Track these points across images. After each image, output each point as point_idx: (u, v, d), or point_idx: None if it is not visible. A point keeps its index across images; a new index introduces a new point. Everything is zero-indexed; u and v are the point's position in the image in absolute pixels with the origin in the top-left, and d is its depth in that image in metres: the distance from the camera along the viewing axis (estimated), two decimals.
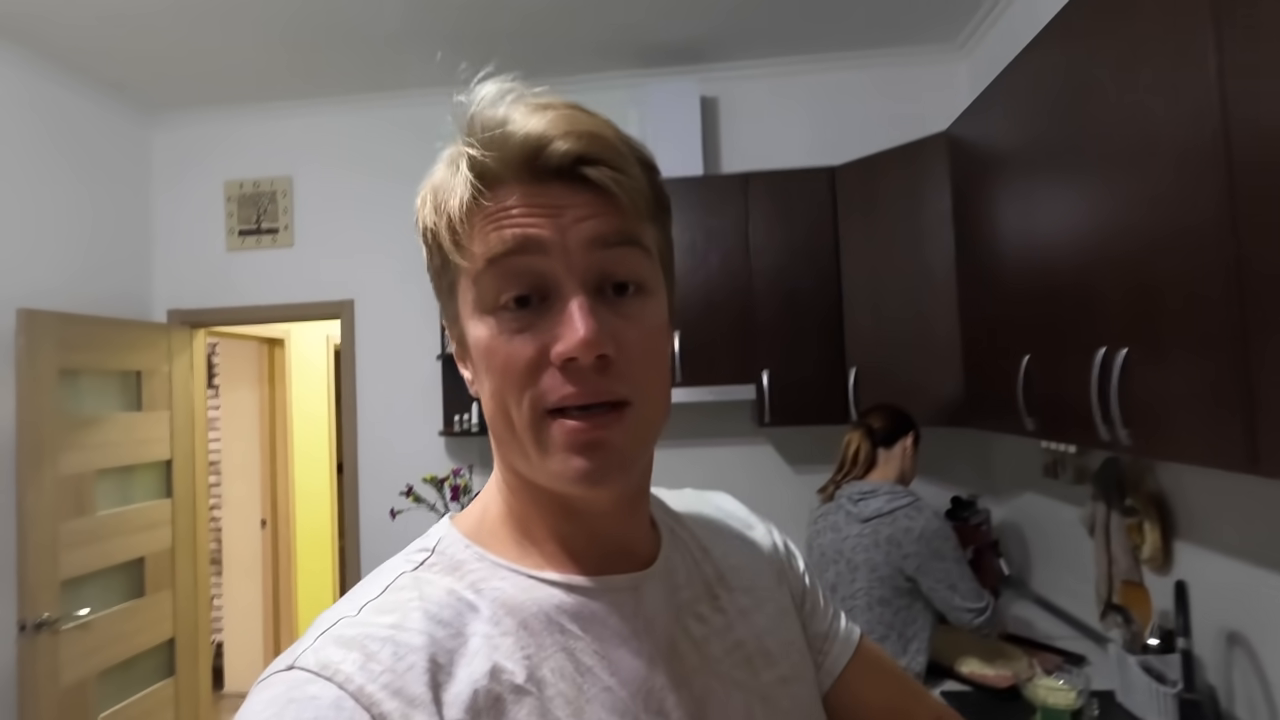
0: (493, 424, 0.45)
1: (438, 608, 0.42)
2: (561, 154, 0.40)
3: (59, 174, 2.51)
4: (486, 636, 0.41)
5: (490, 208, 0.41)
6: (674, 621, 0.48)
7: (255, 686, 0.39)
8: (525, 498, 0.47)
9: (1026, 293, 1.59)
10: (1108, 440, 1.25)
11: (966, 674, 1.72)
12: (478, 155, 0.41)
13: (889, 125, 2.58)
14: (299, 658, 0.38)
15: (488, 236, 0.41)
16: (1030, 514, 2.34)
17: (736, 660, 0.49)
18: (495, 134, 0.41)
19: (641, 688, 0.44)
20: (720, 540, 0.57)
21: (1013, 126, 1.63)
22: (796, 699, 0.51)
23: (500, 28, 2.37)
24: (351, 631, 0.40)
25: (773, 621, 0.54)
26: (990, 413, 1.86)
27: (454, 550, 0.46)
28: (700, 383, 2.37)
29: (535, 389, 0.41)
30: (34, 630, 2.16)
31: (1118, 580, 1.73)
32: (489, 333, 0.42)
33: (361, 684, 0.37)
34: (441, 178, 0.44)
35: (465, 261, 0.42)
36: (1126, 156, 1.19)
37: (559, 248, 0.40)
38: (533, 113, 0.41)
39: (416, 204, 0.46)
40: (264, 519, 4.00)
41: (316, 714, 0.35)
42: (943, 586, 1.61)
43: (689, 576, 0.51)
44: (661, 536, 0.52)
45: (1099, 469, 1.80)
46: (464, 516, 0.50)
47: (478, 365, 0.44)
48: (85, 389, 2.44)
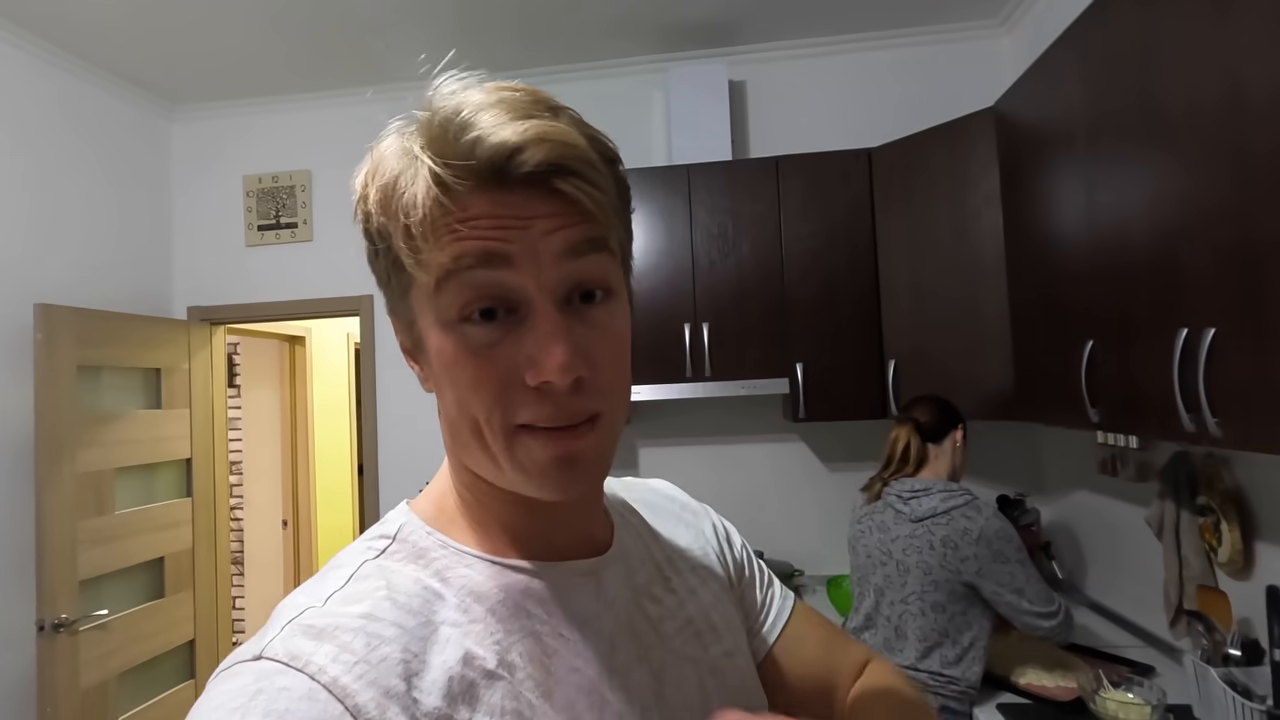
0: (454, 430, 0.44)
1: (406, 597, 0.41)
2: (532, 166, 0.38)
3: (79, 168, 2.48)
4: (455, 624, 0.41)
5: (453, 217, 0.38)
6: (632, 602, 0.50)
7: (217, 676, 0.37)
8: (481, 494, 0.47)
9: (1091, 274, 1.47)
10: (1193, 432, 1.13)
11: (1024, 685, 1.60)
12: (438, 167, 0.38)
13: (926, 107, 2.47)
14: (267, 647, 0.37)
15: (451, 247, 0.39)
16: (1084, 514, 2.20)
17: (687, 637, 0.52)
18: (461, 141, 0.38)
19: (605, 666, 0.45)
20: (665, 524, 0.60)
21: (1072, 97, 1.51)
22: (739, 670, 0.54)
23: (513, 10, 2.29)
24: (321, 622, 0.39)
25: (716, 599, 0.56)
26: (1046, 405, 1.73)
27: (416, 537, 0.46)
28: (730, 376, 2.27)
29: (505, 405, 0.40)
30: (53, 631, 2.12)
31: (1190, 584, 1.60)
32: (453, 346, 0.40)
33: (335, 675, 0.36)
34: (392, 172, 0.40)
35: (423, 273, 0.40)
36: (1216, 117, 1.07)
37: (528, 261, 0.39)
38: (501, 117, 0.39)
39: (357, 187, 0.43)
40: (285, 519, 3.97)
41: (288, 705, 0.34)
42: (1008, 591, 1.48)
43: (641, 559, 0.53)
44: (614, 523, 0.54)
45: (1166, 464, 1.67)
46: (421, 503, 0.49)
47: (439, 375, 0.43)
48: (105, 385, 2.41)
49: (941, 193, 2.09)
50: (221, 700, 0.35)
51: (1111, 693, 1.44)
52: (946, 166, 2.07)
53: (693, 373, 2.29)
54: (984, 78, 2.46)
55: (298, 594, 0.42)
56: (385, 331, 2.78)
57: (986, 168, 1.97)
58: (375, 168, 0.42)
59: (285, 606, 0.41)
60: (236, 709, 0.34)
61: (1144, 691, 1.41)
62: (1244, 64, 1.01)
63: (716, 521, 0.65)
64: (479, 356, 0.40)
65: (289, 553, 3.98)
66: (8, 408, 2.17)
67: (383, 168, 0.41)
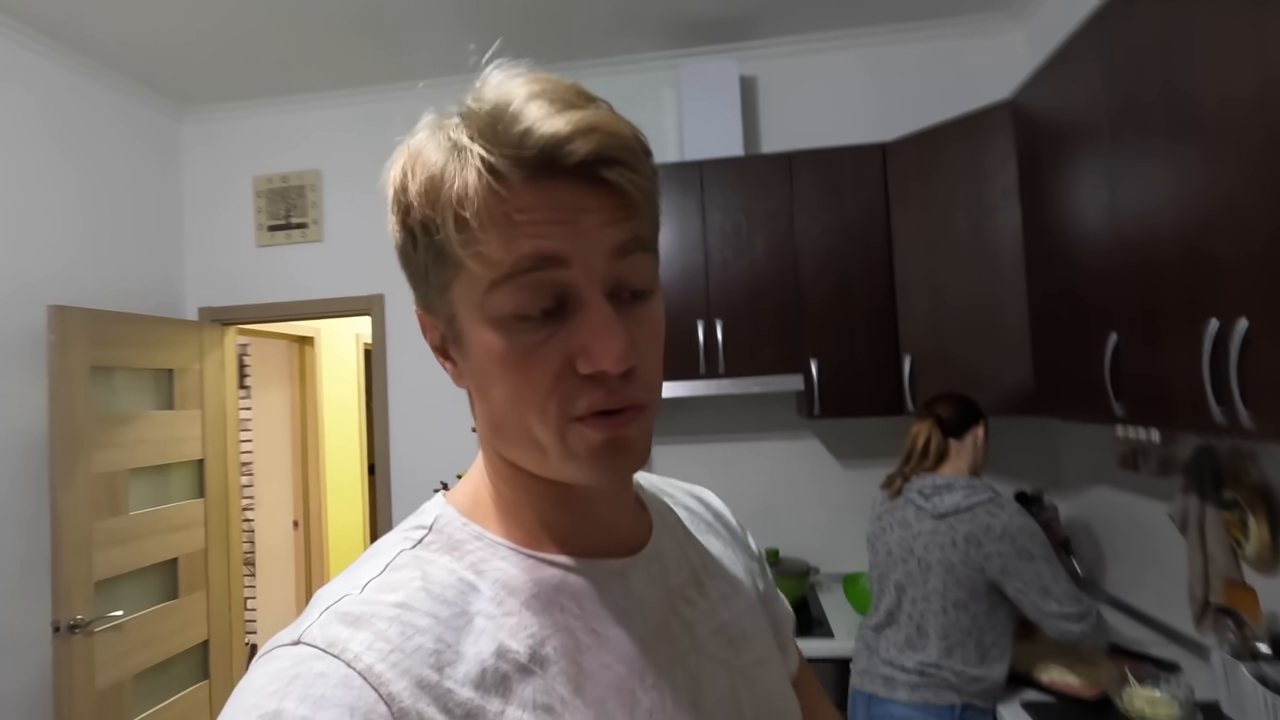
0: (500, 425, 0.44)
1: (441, 587, 0.42)
2: (581, 155, 0.39)
3: (91, 171, 2.48)
4: (490, 616, 0.41)
5: (508, 205, 0.39)
6: (667, 603, 0.49)
7: (258, 659, 0.38)
8: (518, 487, 0.47)
9: (1114, 268, 1.45)
10: (1224, 424, 1.12)
11: (1047, 682, 1.58)
12: (491, 156, 0.38)
13: (939, 100, 2.45)
14: (305, 633, 0.38)
15: (509, 245, 0.39)
16: (1104, 509, 2.19)
17: (721, 642, 0.51)
18: (511, 132, 0.38)
19: (637, 666, 0.45)
20: (701, 529, 0.60)
21: (1094, 90, 1.50)
22: (771, 679, 0.54)
23: (522, 8, 2.28)
24: (357, 609, 0.39)
25: (746, 608, 0.56)
26: (1068, 400, 1.72)
27: (452, 529, 0.46)
28: (744, 373, 2.26)
29: (559, 397, 0.41)
30: (68, 632, 2.12)
31: (1216, 580, 1.58)
32: (504, 342, 0.41)
33: (370, 663, 0.36)
34: (435, 163, 0.40)
35: (479, 265, 0.39)
36: (1249, 109, 1.06)
37: (580, 258, 0.40)
38: (549, 108, 0.39)
39: (393, 179, 0.43)
40: (296, 520, 3.97)
41: (324, 691, 0.34)
42: (1033, 590, 1.45)
43: (678, 561, 0.53)
44: (653, 521, 0.54)
45: (1190, 459, 1.65)
46: (458, 494, 0.50)
47: (484, 372, 0.42)
48: (118, 386, 2.41)
49: (958, 187, 2.07)
50: (261, 683, 0.35)
51: (1139, 689, 1.42)
52: (963, 160, 2.06)
53: (707, 370, 2.28)
54: (997, 70, 2.45)
55: (337, 581, 0.43)
56: (397, 331, 2.77)
57: (1004, 161, 1.95)
58: (414, 161, 0.42)
59: (324, 593, 0.42)
60: (274, 692, 0.34)
61: (1172, 688, 1.39)
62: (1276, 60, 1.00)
63: (751, 540, 0.67)
64: (533, 352, 0.40)
65: (300, 553, 3.98)
66: (22, 409, 2.17)
67: (425, 160, 0.41)
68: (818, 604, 2.23)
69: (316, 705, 0.34)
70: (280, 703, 0.34)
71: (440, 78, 2.72)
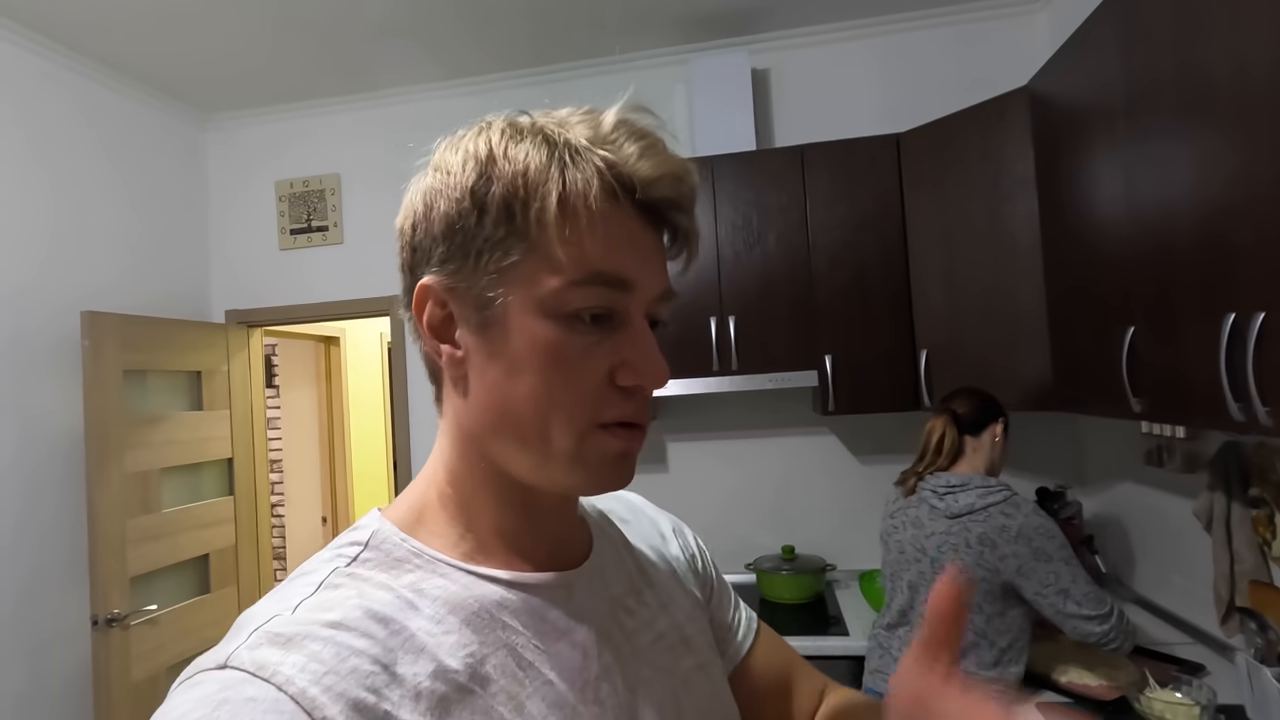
0: (507, 418, 0.44)
1: (378, 606, 0.41)
2: (662, 196, 0.43)
3: (118, 179, 2.56)
4: (430, 634, 0.41)
5: (616, 218, 0.42)
6: (608, 615, 0.50)
7: (179, 685, 0.36)
8: (485, 490, 0.47)
9: (1131, 257, 1.41)
10: (1241, 420, 1.08)
11: (1065, 684, 1.55)
12: (613, 165, 0.42)
13: (957, 89, 2.40)
14: (232, 655, 0.36)
15: (603, 250, 0.42)
16: (1128, 506, 2.13)
17: (660, 650, 0.52)
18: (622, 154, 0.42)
19: (579, 679, 0.45)
20: (639, 537, 0.60)
21: (1110, 73, 1.45)
22: (711, 683, 0.55)
23: (534, 8, 2.29)
24: (289, 630, 0.38)
25: (686, 613, 0.57)
26: (1086, 395, 1.67)
27: (389, 545, 0.45)
28: (757, 370, 2.25)
29: (592, 403, 0.42)
30: (105, 626, 2.21)
31: (1242, 580, 1.53)
32: (557, 337, 0.42)
33: (303, 686, 0.35)
34: (539, 153, 0.42)
35: (568, 257, 0.41)
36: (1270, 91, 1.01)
37: (640, 291, 0.44)
38: (651, 149, 0.43)
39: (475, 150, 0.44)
40: (324, 516, 4.07)
41: (253, 717, 0.33)
42: (1051, 592, 1.41)
43: (617, 572, 0.54)
44: (593, 534, 0.55)
45: (1216, 455, 1.60)
46: (396, 509, 0.49)
47: (522, 362, 0.42)
48: (149, 388, 2.49)
49: (974, 177, 2.03)
50: (185, 710, 0.33)
51: (1158, 692, 1.39)
52: (979, 150, 2.01)
53: (720, 366, 2.27)
54: (1018, 57, 2.38)
55: (264, 601, 0.41)
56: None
57: (1021, 150, 1.90)
58: (506, 141, 0.43)
59: (251, 614, 0.40)
60: (200, 719, 0.33)
61: (1192, 691, 1.36)
62: None
63: (689, 537, 0.67)
64: (580, 354, 0.42)
65: None
66: (58, 411, 2.26)
67: (521, 145, 0.42)
68: (834, 601, 2.22)
69: None
70: None
71: (455, 81, 2.75)
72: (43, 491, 2.20)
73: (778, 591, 2.22)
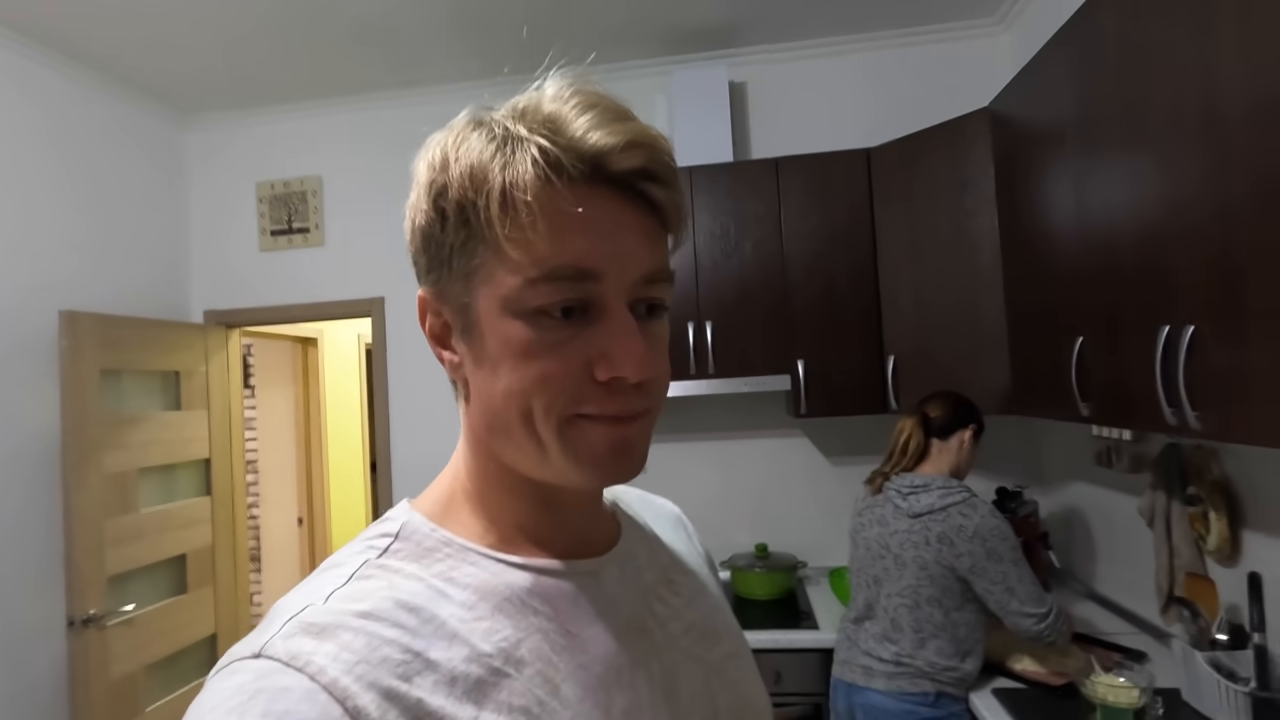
0: (498, 417, 0.44)
1: (409, 595, 0.41)
2: (627, 167, 0.40)
3: (99, 179, 2.55)
4: (461, 621, 0.41)
5: (556, 207, 0.39)
6: (641, 602, 0.50)
7: (216, 673, 0.37)
8: (500, 487, 0.47)
9: (1080, 271, 1.52)
10: (1174, 424, 1.18)
11: (1019, 671, 1.66)
12: (553, 149, 0.39)
13: (926, 106, 2.50)
14: (266, 645, 0.37)
15: (550, 242, 0.40)
16: (1081, 505, 2.25)
17: (694, 638, 0.52)
18: (566, 132, 0.40)
19: (612, 664, 0.45)
20: (665, 532, 0.61)
21: (1063, 99, 1.56)
22: (741, 671, 0.55)
23: (515, 16, 2.34)
24: (322, 621, 0.38)
25: (713, 605, 0.57)
26: (1041, 399, 1.78)
27: (419, 536, 0.46)
28: (733, 373, 2.33)
29: (569, 396, 0.41)
30: (82, 625, 2.21)
31: (1180, 573, 1.64)
32: (524, 335, 0.41)
33: (335, 676, 0.35)
34: (482, 150, 0.41)
35: (519, 255, 0.40)
36: (1200, 121, 1.11)
37: (613, 275, 0.41)
38: (603, 118, 0.40)
39: (431, 160, 0.43)
40: (300, 516, 4.06)
41: (288, 706, 0.34)
42: (999, 589, 1.53)
43: (649, 561, 0.54)
44: (622, 524, 0.55)
45: (1158, 456, 1.72)
46: (425, 500, 0.49)
47: (497, 361, 0.42)
48: (126, 389, 2.49)
49: (940, 192, 2.13)
50: (221, 698, 0.34)
51: (1103, 677, 1.49)
52: (945, 166, 2.12)
53: (697, 370, 2.34)
54: (983, 77, 2.50)
55: (297, 592, 0.42)
56: (397, 332, 2.84)
57: (983, 167, 2.01)
58: (458, 143, 0.42)
59: (284, 604, 0.40)
60: (235, 708, 0.33)
61: (1134, 675, 1.46)
62: (1219, 76, 1.06)
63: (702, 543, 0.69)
64: (552, 349, 0.41)
65: (304, 549, 4.06)
66: (36, 412, 2.25)
67: (470, 144, 0.41)
68: (805, 597, 2.30)
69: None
70: (242, 718, 0.33)
71: (438, 86, 2.79)
72: (16, 491, 2.18)
73: (751, 588, 2.30)
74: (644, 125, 0.42)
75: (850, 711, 1.67)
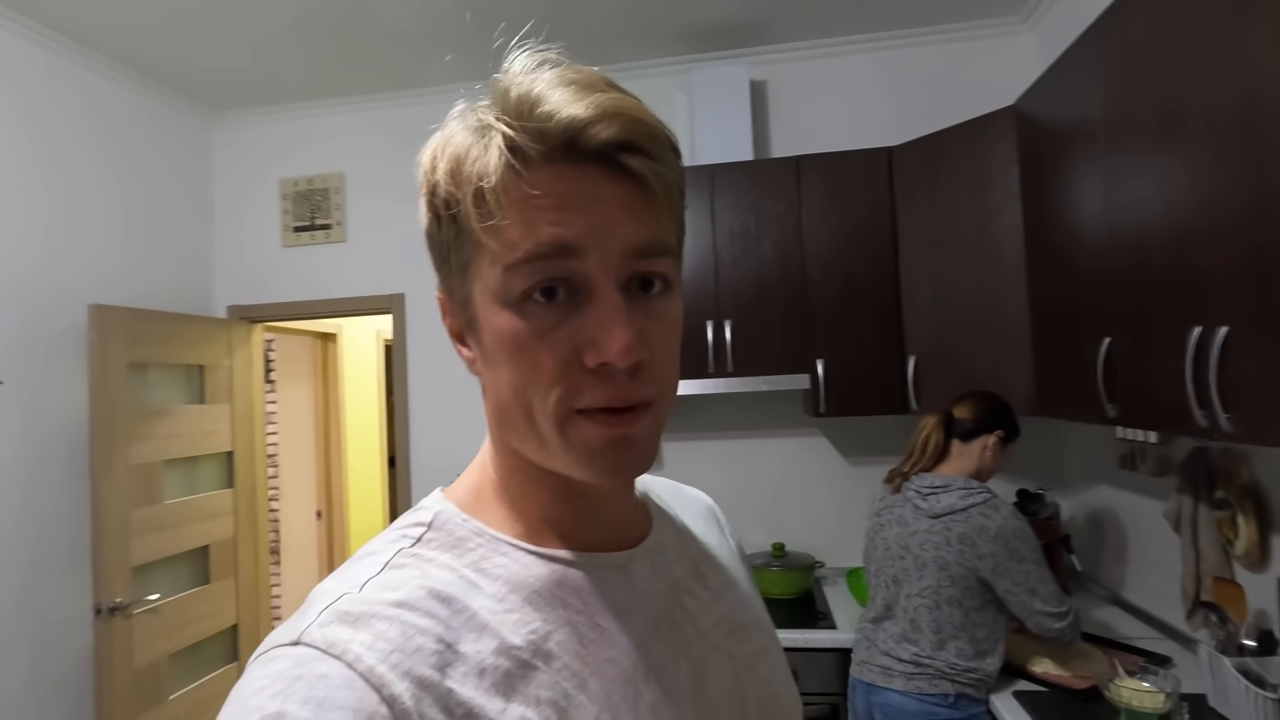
0: (505, 412, 0.44)
1: (441, 585, 0.41)
2: (603, 140, 0.39)
3: (124, 174, 2.59)
4: (492, 613, 0.41)
5: (525, 182, 0.39)
6: (670, 595, 0.50)
7: (256, 659, 0.38)
8: (523, 479, 0.47)
9: (1108, 271, 1.50)
10: (1206, 427, 1.17)
11: (1040, 674, 1.64)
12: (514, 134, 0.39)
13: (949, 105, 2.49)
14: (304, 633, 0.37)
15: (523, 226, 0.39)
16: (1104, 508, 2.23)
17: (723, 632, 0.52)
18: (534, 112, 0.39)
19: (641, 658, 0.45)
20: (697, 523, 0.60)
21: (1092, 96, 1.54)
22: (772, 668, 0.55)
23: (536, 17, 2.35)
24: (357, 609, 0.39)
25: (744, 599, 0.57)
26: (1065, 401, 1.76)
27: (452, 526, 0.46)
28: (752, 372, 2.32)
29: (563, 388, 0.40)
30: (108, 614, 2.25)
31: (1206, 577, 1.62)
32: (513, 325, 0.40)
33: (371, 664, 0.36)
34: (462, 144, 0.41)
35: (492, 240, 0.40)
36: (1237, 116, 1.10)
37: (595, 249, 0.39)
38: (573, 92, 0.39)
39: (424, 162, 0.44)
40: (319, 510, 4.10)
41: (326, 694, 0.34)
42: (1021, 590, 1.52)
43: (679, 553, 0.54)
44: (652, 516, 0.54)
45: (1185, 459, 1.70)
46: (457, 490, 0.49)
47: (493, 355, 0.42)
48: (152, 382, 2.53)
49: (962, 190, 2.11)
50: (262, 684, 0.35)
51: (1127, 681, 1.47)
52: (968, 164, 2.10)
53: (716, 369, 2.34)
54: (1008, 75, 2.47)
55: (333, 579, 0.42)
56: (416, 328, 2.87)
57: (1007, 166, 1.99)
58: (445, 140, 0.43)
59: (321, 591, 0.41)
60: (277, 694, 0.34)
61: (1159, 680, 1.44)
62: (1259, 73, 1.04)
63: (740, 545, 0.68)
64: (540, 337, 0.40)
65: (323, 542, 4.11)
66: (66, 404, 2.30)
67: (454, 140, 0.42)
68: (822, 597, 2.29)
69: (320, 707, 0.33)
70: (283, 704, 0.33)
71: (458, 83, 2.80)
72: (45, 481, 2.22)
73: (768, 587, 2.29)
74: (619, 95, 0.40)
75: (869, 711, 1.66)
